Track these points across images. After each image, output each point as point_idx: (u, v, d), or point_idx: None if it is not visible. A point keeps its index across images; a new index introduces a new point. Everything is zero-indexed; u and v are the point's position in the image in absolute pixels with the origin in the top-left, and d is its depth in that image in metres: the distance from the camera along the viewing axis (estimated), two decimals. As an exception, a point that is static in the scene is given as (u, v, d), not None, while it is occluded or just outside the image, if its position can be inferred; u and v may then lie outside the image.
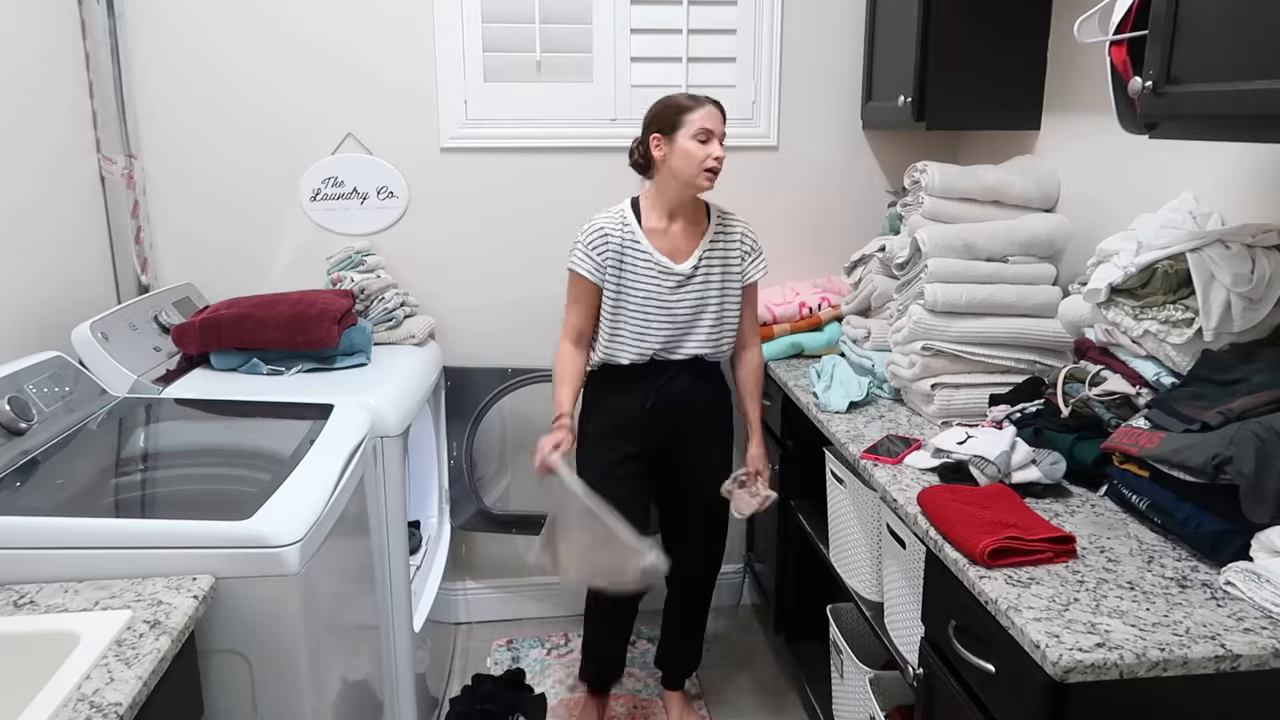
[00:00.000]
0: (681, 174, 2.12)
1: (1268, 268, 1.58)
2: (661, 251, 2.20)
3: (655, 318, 2.20)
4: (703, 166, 2.10)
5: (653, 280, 2.19)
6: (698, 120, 2.09)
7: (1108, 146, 2.16)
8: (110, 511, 1.50)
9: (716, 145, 2.11)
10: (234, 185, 2.70)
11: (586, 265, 2.20)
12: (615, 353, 2.23)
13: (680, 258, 2.21)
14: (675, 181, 2.14)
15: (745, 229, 2.28)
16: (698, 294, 2.21)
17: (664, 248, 2.20)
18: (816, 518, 2.41)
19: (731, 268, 2.24)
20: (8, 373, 1.77)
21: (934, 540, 1.52)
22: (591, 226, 2.21)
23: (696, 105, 2.11)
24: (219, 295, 2.64)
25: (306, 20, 2.63)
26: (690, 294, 2.21)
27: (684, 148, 2.10)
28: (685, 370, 2.25)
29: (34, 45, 2.23)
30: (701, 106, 2.11)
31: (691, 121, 2.10)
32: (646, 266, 2.19)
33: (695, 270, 2.21)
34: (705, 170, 2.11)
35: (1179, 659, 1.17)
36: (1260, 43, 1.24)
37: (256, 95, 2.65)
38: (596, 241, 2.19)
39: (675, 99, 2.14)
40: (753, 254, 2.27)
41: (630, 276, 2.20)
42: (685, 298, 2.20)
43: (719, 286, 2.23)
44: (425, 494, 2.76)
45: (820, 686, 2.45)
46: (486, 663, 2.86)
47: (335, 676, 1.69)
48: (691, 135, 2.10)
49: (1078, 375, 1.84)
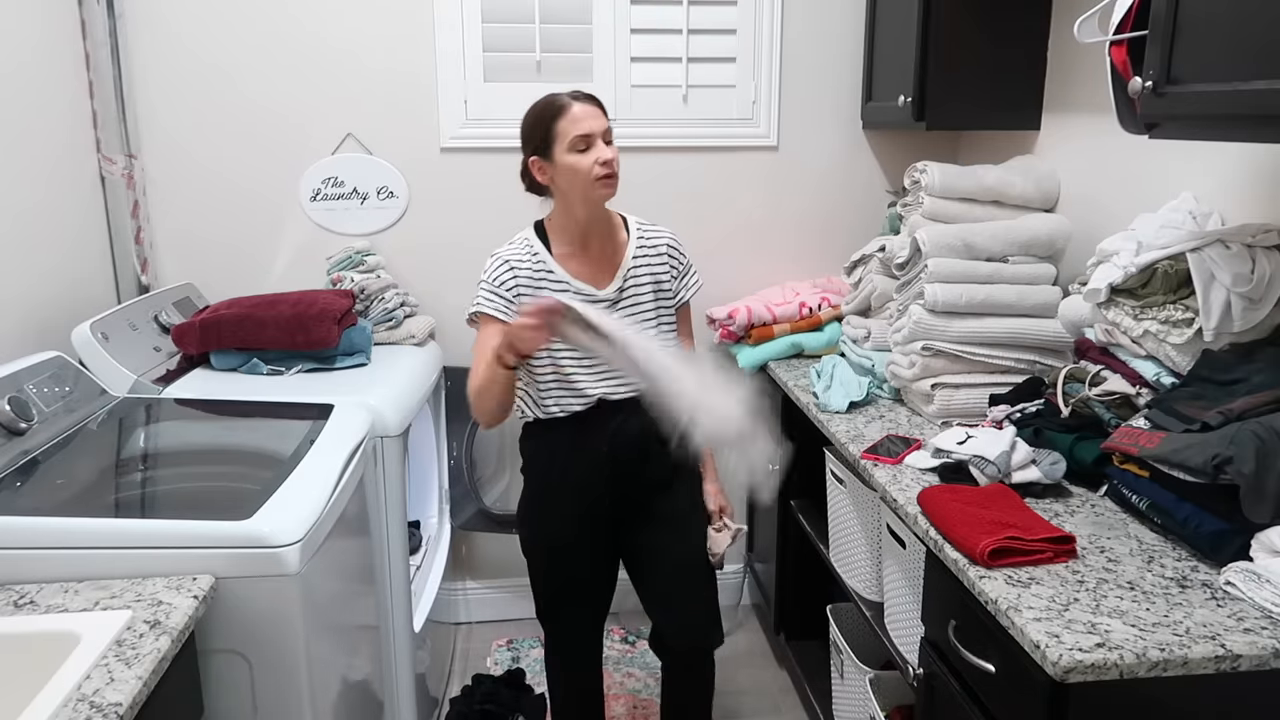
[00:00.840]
0: (574, 192, 1.83)
1: (1268, 268, 1.58)
2: (580, 279, 1.90)
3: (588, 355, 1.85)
4: (593, 178, 1.80)
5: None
6: (568, 129, 1.79)
7: (1108, 146, 2.16)
8: (110, 511, 1.50)
9: (602, 148, 1.80)
10: (234, 185, 2.70)
11: (494, 304, 1.86)
12: (553, 406, 1.91)
13: (602, 282, 1.91)
14: (573, 201, 1.85)
15: (670, 241, 1.99)
16: (630, 319, 1.89)
17: (582, 273, 1.90)
18: (816, 518, 2.41)
19: (663, 286, 1.96)
20: (8, 373, 1.77)
21: (934, 540, 1.52)
22: (495, 261, 1.89)
23: (562, 111, 1.80)
24: (219, 295, 2.64)
25: (306, 19, 2.63)
26: (621, 319, 1.86)
27: (566, 164, 1.80)
28: (635, 410, 1.87)
29: (34, 45, 2.23)
30: (567, 111, 1.80)
31: (562, 134, 1.80)
32: (567, 298, 1.79)
33: (622, 294, 1.91)
34: (597, 180, 1.81)
35: (1179, 659, 1.17)
36: (1260, 43, 1.24)
37: (257, 95, 2.65)
38: (504, 277, 1.87)
39: (539, 108, 1.84)
40: (683, 271, 2.00)
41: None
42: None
43: (653, 308, 1.94)
44: (425, 494, 2.76)
45: (820, 686, 2.45)
46: (486, 663, 2.85)
47: (335, 676, 1.69)
48: (567, 149, 1.80)
49: (1078, 375, 1.83)
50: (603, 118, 1.83)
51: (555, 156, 1.81)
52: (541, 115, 1.83)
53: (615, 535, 2.01)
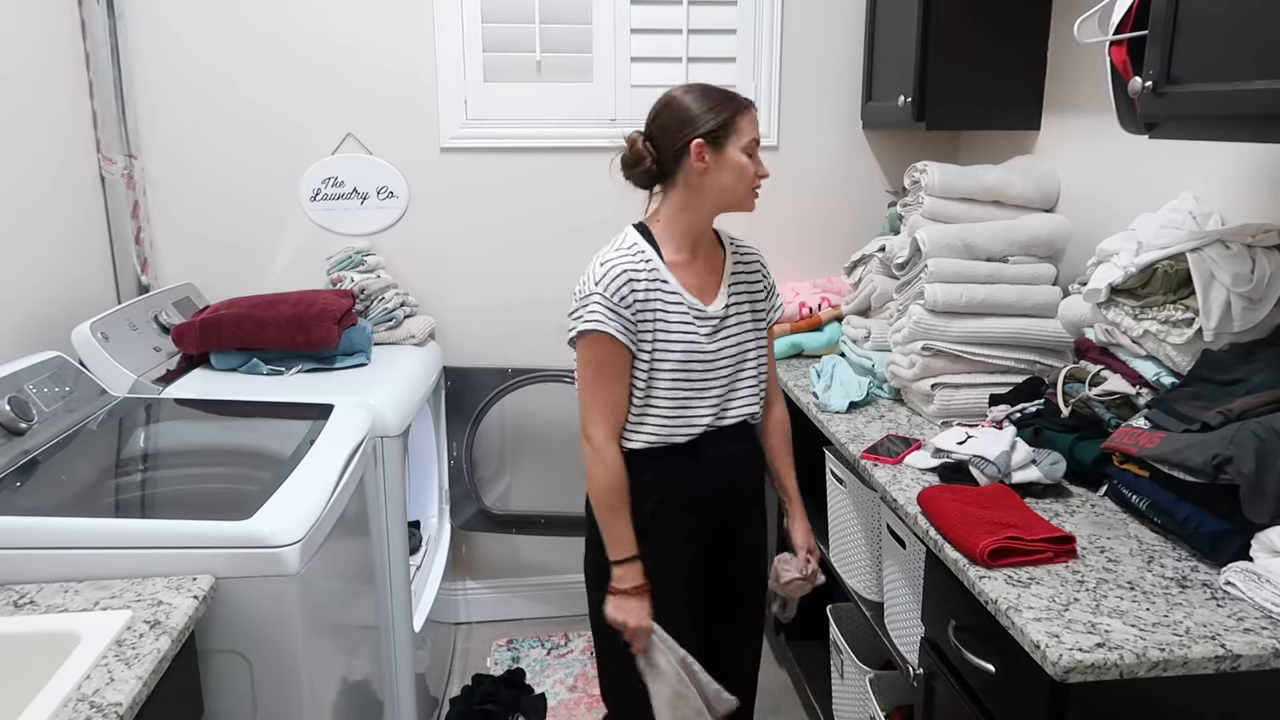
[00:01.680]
0: (730, 193, 1.67)
1: (1268, 268, 1.58)
2: (691, 291, 1.71)
3: (699, 379, 1.70)
4: (753, 186, 1.70)
5: (689, 329, 1.69)
6: (748, 129, 1.66)
7: (1108, 146, 2.16)
8: (110, 511, 1.50)
9: (760, 161, 1.70)
10: (234, 185, 2.70)
11: (615, 324, 1.63)
12: (653, 437, 1.71)
13: (708, 296, 1.73)
14: (714, 201, 1.69)
15: (760, 259, 1.85)
16: (735, 341, 1.75)
17: (691, 285, 1.72)
18: (816, 518, 2.41)
19: (759, 305, 1.81)
20: (8, 373, 1.77)
21: (934, 540, 1.52)
22: (611, 271, 1.64)
23: (746, 109, 1.66)
24: (219, 295, 2.64)
25: (306, 19, 2.63)
26: (728, 341, 1.74)
27: (736, 162, 1.65)
28: (733, 438, 1.78)
29: (34, 45, 2.23)
30: (749, 110, 1.67)
31: (743, 131, 1.65)
32: (680, 313, 1.68)
33: (728, 311, 1.74)
34: (754, 189, 1.71)
35: (1179, 659, 1.17)
36: (1260, 43, 1.24)
37: (257, 95, 2.65)
38: (623, 291, 1.64)
39: (719, 95, 1.66)
40: (773, 290, 1.86)
41: (664, 329, 1.68)
42: (724, 346, 1.73)
43: (752, 329, 1.78)
44: (425, 494, 2.76)
45: (820, 686, 2.45)
46: (486, 663, 2.86)
47: (335, 676, 1.69)
48: (743, 146, 1.65)
49: (1078, 375, 1.83)
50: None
51: (728, 150, 1.64)
52: (725, 103, 1.65)
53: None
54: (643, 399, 1.69)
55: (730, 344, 1.74)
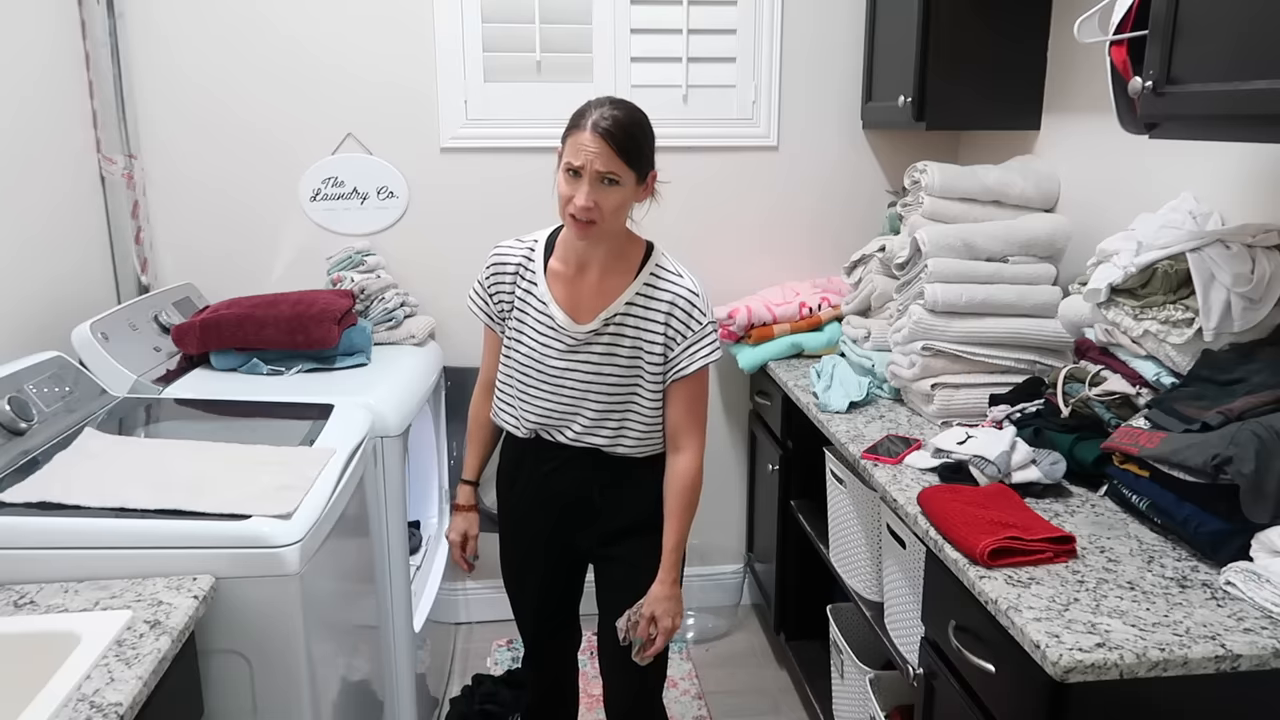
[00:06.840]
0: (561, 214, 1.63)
1: (1268, 268, 1.58)
2: (560, 302, 1.69)
3: (534, 385, 1.72)
4: (565, 211, 1.60)
5: (542, 337, 1.71)
6: (570, 152, 1.57)
7: (1108, 146, 2.16)
8: (110, 512, 1.50)
9: (583, 190, 1.55)
10: (234, 185, 2.70)
11: (477, 303, 1.79)
12: (502, 416, 1.82)
13: (583, 317, 1.69)
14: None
15: (684, 298, 1.67)
16: (594, 366, 1.69)
17: (564, 298, 1.70)
18: (816, 518, 2.42)
19: (649, 349, 1.68)
20: (8, 373, 1.77)
21: (934, 540, 1.52)
22: (491, 254, 1.75)
23: (577, 129, 1.57)
24: (219, 295, 2.64)
25: (307, 20, 2.63)
26: (582, 366, 1.69)
27: (558, 180, 1.60)
28: (580, 461, 1.75)
29: (34, 45, 2.23)
30: (581, 132, 1.56)
31: (566, 152, 1.59)
32: (538, 317, 1.70)
33: (594, 338, 1.68)
34: (569, 216, 1.60)
35: (1179, 659, 1.17)
36: (1260, 43, 1.24)
37: (257, 96, 2.65)
38: (489, 273, 1.75)
39: (579, 110, 1.61)
40: (688, 339, 1.67)
41: (518, 325, 1.73)
42: (577, 367, 1.69)
43: (626, 363, 1.69)
44: (425, 494, 2.76)
45: (820, 686, 2.45)
46: (486, 663, 2.85)
47: (335, 676, 1.69)
48: (562, 167, 1.59)
49: (1078, 375, 1.83)
50: (611, 159, 1.55)
51: (560, 168, 1.61)
52: (572, 119, 1.60)
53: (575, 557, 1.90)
54: (501, 378, 1.82)
55: (584, 369, 1.69)
